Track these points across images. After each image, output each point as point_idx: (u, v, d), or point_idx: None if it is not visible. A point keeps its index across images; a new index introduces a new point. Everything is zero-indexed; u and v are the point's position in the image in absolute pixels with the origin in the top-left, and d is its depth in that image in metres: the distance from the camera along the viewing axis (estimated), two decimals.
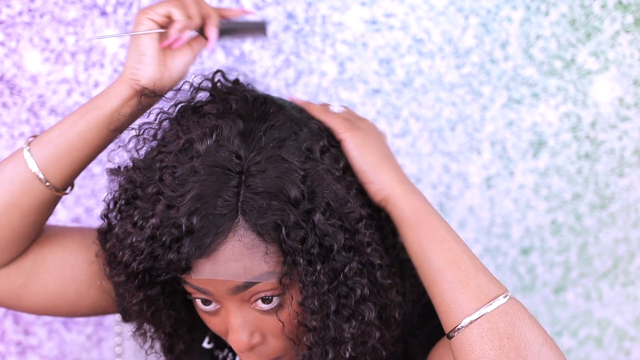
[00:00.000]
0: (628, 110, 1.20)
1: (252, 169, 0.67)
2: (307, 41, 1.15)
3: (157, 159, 0.72)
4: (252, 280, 0.67)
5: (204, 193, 0.66)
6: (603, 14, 1.15)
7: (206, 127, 0.70)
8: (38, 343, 1.26)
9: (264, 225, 0.66)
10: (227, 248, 0.67)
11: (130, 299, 0.74)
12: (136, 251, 0.69)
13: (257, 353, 0.72)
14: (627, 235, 1.27)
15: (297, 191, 0.67)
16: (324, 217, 0.67)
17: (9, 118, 1.16)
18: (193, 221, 0.66)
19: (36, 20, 1.12)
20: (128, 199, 0.73)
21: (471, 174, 1.23)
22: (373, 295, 0.70)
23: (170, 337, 0.81)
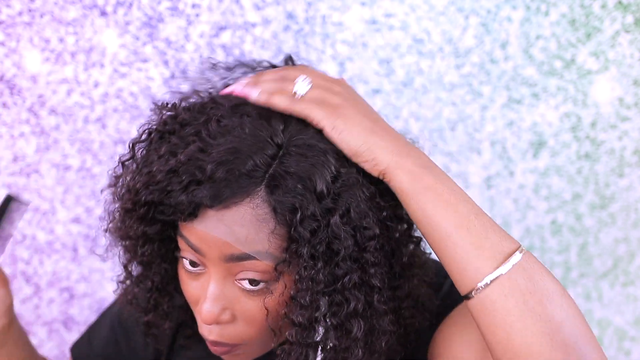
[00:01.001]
0: (628, 110, 1.20)
1: (292, 149, 0.67)
2: (307, 41, 1.15)
3: (209, 105, 0.72)
4: (250, 253, 0.66)
5: (240, 149, 0.66)
6: (603, 14, 1.15)
7: None
8: (38, 343, 1.26)
9: (282, 203, 0.65)
10: (239, 211, 0.66)
11: (129, 229, 0.73)
12: (152, 180, 0.68)
13: (221, 331, 0.71)
14: (627, 235, 1.27)
15: (325, 186, 0.66)
16: (341, 221, 0.66)
17: (9, 118, 1.16)
18: (219, 170, 0.65)
19: (36, 20, 1.12)
20: (164, 133, 0.72)
21: (471, 174, 1.23)
22: (365, 314, 0.69)
23: (157, 291, 0.79)
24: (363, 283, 0.68)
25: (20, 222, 0.71)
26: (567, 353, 0.62)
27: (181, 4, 1.12)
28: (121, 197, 0.73)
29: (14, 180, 1.18)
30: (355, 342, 0.69)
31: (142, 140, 0.74)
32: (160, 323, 0.82)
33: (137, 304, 0.82)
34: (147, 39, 1.13)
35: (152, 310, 0.81)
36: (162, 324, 0.82)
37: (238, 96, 0.73)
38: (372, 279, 0.68)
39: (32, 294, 1.24)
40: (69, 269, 1.24)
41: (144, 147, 0.74)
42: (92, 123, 1.17)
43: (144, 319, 0.82)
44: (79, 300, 1.25)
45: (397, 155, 0.69)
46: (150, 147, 0.73)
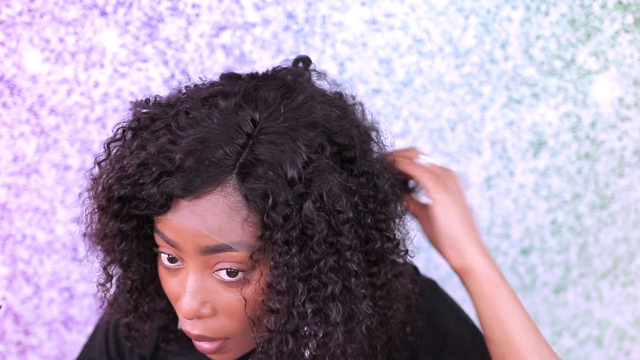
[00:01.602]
0: (628, 110, 1.20)
1: (262, 137, 0.68)
2: (307, 41, 1.15)
3: (180, 100, 0.72)
4: (225, 243, 0.66)
5: (209, 139, 0.66)
6: (603, 14, 1.15)
7: (237, 88, 0.71)
8: (38, 343, 1.26)
9: (253, 190, 0.66)
10: (211, 200, 0.66)
11: (105, 227, 0.73)
12: (123, 175, 0.68)
13: (203, 325, 0.71)
14: (627, 235, 1.27)
15: (296, 172, 0.66)
16: (314, 206, 0.66)
17: (9, 118, 1.16)
18: (188, 159, 0.66)
19: (36, 20, 1.12)
20: (137, 130, 0.72)
21: (471, 174, 1.23)
22: (343, 298, 0.69)
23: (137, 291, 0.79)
24: (340, 267, 0.68)
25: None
26: None
27: (181, 4, 1.12)
28: (96, 196, 0.73)
29: (14, 180, 1.18)
30: (335, 327, 0.69)
31: (116, 139, 0.75)
32: (141, 325, 0.82)
33: (117, 305, 0.81)
34: (147, 39, 1.13)
35: (132, 311, 0.81)
36: (143, 326, 0.82)
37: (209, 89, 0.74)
38: (348, 263, 0.69)
39: (32, 294, 1.24)
40: (69, 269, 1.24)
41: (119, 145, 0.74)
42: (92, 123, 1.17)
43: (124, 320, 0.82)
44: (79, 300, 1.25)
45: (484, 258, 0.73)
46: (124, 145, 0.73)
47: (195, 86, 0.77)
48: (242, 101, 0.70)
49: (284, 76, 0.76)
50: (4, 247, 1.21)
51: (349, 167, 0.72)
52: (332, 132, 0.72)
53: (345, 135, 0.72)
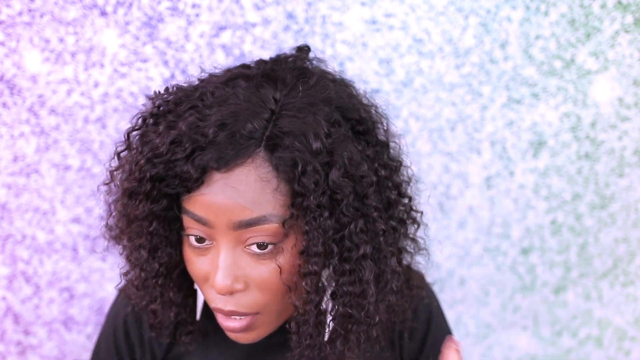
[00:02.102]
0: (628, 110, 1.20)
1: (284, 113, 0.71)
2: (307, 41, 1.15)
3: (201, 84, 0.75)
4: (259, 215, 0.68)
5: (238, 113, 0.69)
6: (603, 14, 1.15)
7: (255, 71, 0.75)
8: (38, 343, 1.26)
9: (282, 159, 0.68)
10: (243, 171, 0.69)
11: (135, 209, 0.74)
12: (155, 154, 0.70)
13: (235, 301, 0.73)
14: (627, 235, 1.27)
15: (319, 143, 0.69)
16: (339, 173, 0.69)
17: (9, 118, 1.16)
18: (221, 132, 0.68)
19: (36, 20, 1.12)
20: (158, 116, 0.74)
21: (471, 174, 1.23)
22: (373, 257, 0.72)
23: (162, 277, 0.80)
24: (368, 228, 0.72)
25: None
26: None
27: (181, 4, 1.12)
28: (123, 182, 0.75)
29: (14, 180, 1.18)
30: (368, 285, 0.72)
31: (137, 128, 0.76)
32: (166, 313, 0.83)
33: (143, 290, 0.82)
34: (147, 39, 1.13)
35: (159, 297, 0.82)
36: (168, 314, 0.83)
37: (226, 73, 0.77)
38: (376, 224, 0.72)
39: (32, 294, 1.24)
40: (69, 269, 1.24)
41: (140, 133, 0.75)
42: (92, 123, 1.17)
43: (150, 307, 0.83)
44: (79, 300, 1.25)
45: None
46: (147, 130, 0.74)
47: (209, 75, 0.79)
48: (263, 81, 0.74)
49: (295, 60, 0.80)
50: (4, 247, 1.21)
51: (364, 138, 0.76)
52: (345, 108, 0.76)
53: (355, 110, 0.77)
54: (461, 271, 1.29)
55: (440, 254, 1.28)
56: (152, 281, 0.80)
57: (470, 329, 1.32)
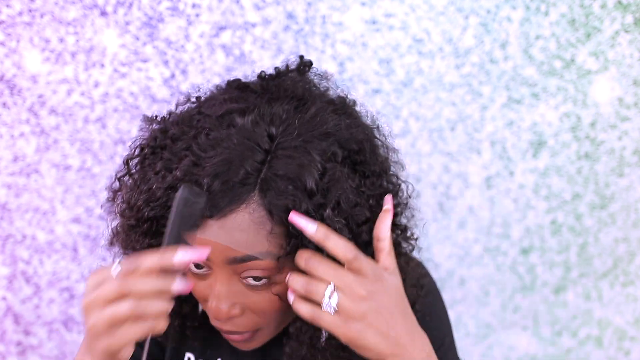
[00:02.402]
0: (628, 110, 1.20)
1: (279, 152, 0.71)
2: (307, 41, 1.15)
3: (196, 118, 0.76)
4: (252, 254, 0.70)
5: (231, 160, 0.70)
6: (603, 14, 1.15)
7: (250, 103, 0.75)
8: (38, 343, 1.26)
9: (276, 205, 0.69)
10: (237, 217, 0.70)
11: (135, 243, 0.76)
12: (152, 198, 0.72)
13: (233, 322, 0.75)
14: (627, 235, 1.27)
15: (314, 184, 0.70)
16: (333, 214, 0.70)
17: (9, 118, 1.16)
18: (215, 182, 0.69)
19: (36, 20, 1.12)
20: (155, 148, 0.76)
21: (471, 174, 1.23)
22: None
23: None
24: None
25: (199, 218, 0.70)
26: None
27: (181, 4, 1.12)
28: (122, 213, 0.77)
29: (14, 180, 1.18)
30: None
31: (135, 156, 0.78)
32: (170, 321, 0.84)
33: None
34: (147, 39, 1.14)
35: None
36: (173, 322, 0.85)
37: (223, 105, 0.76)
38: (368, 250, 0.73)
39: (32, 294, 1.24)
40: (69, 269, 1.24)
41: (138, 162, 0.78)
42: (92, 123, 1.17)
43: None
44: (79, 300, 1.25)
45: (401, 359, 0.73)
46: (144, 163, 0.76)
47: (205, 100, 0.80)
48: (258, 118, 0.73)
49: (294, 87, 0.79)
50: (4, 247, 1.21)
51: (361, 169, 0.76)
52: (343, 139, 0.75)
53: (354, 141, 0.76)
54: (461, 271, 1.29)
55: (440, 254, 1.28)
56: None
57: (470, 329, 1.32)
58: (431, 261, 1.28)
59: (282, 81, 0.80)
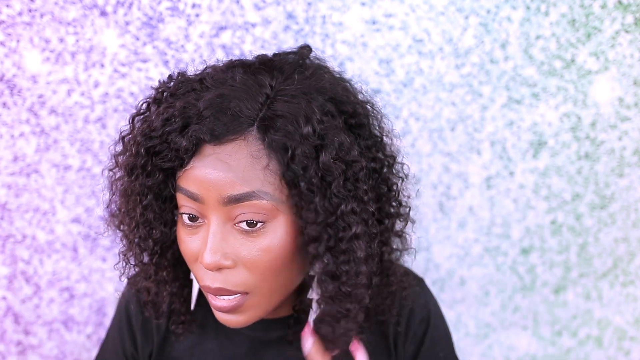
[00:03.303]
0: (628, 110, 1.20)
1: (279, 97, 0.73)
2: (307, 41, 1.15)
3: (204, 72, 0.78)
4: (247, 191, 0.70)
5: (232, 95, 0.72)
6: (603, 14, 1.15)
7: (256, 59, 0.79)
8: (38, 343, 1.26)
9: (274, 140, 0.71)
10: (235, 147, 0.71)
11: (132, 184, 0.76)
12: (151, 129, 0.74)
13: (223, 278, 0.74)
14: (627, 235, 1.27)
15: (310, 128, 0.71)
16: (330, 156, 0.71)
17: (9, 118, 1.16)
18: (211, 108, 0.71)
19: (36, 20, 1.12)
20: (162, 99, 0.78)
21: (471, 174, 1.23)
22: (364, 237, 0.74)
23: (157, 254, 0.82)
24: (360, 210, 0.74)
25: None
26: None
27: (181, 4, 1.12)
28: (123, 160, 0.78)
29: (14, 180, 1.18)
30: (360, 264, 0.74)
31: (141, 113, 0.79)
32: (160, 290, 0.86)
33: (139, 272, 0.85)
34: (147, 39, 1.13)
35: (153, 274, 0.84)
36: (162, 292, 0.85)
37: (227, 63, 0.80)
38: (367, 206, 0.74)
39: (32, 294, 1.24)
40: (69, 269, 1.24)
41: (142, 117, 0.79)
42: (92, 123, 1.17)
43: (144, 284, 0.85)
44: (79, 300, 1.25)
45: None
46: (149, 110, 0.78)
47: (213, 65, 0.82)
48: (261, 68, 0.76)
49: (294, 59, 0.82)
50: (4, 247, 1.21)
51: (356, 131, 0.78)
52: (339, 100, 0.77)
53: (350, 104, 0.78)
54: (461, 271, 1.29)
55: (440, 254, 1.28)
56: (147, 258, 0.83)
57: (470, 329, 1.32)
58: (431, 261, 1.28)
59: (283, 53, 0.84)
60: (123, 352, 0.94)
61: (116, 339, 0.95)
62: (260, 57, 0.82)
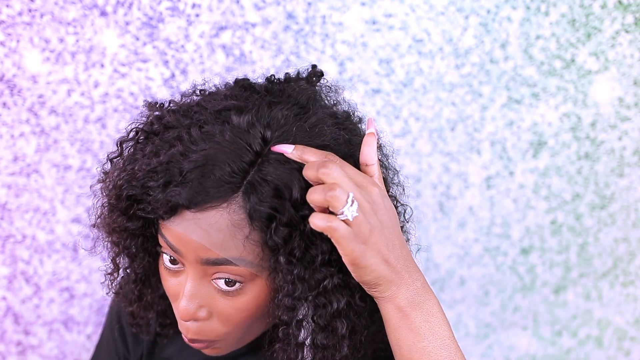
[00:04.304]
0: (628, 110, 1.20)
1: (271, 157, 0.69)
2: (307, 41, 1.15)
3: (193, 109, 0.74)
4: (226, 257, 0.68)
5: (218, 155, 0.68)
6: (603, 14, 1.15)
7: (250, 103, 0.72)
8: (38, 343, 1.26)
9: (258, 210, 0.67)
10: (216, 215, 0.68)
11: (114, 223, 0.75)
12: (133, 177, 0.71)
13: (197, 329, 0.74)
14: (627, 235, 1.27)
15: (300, 194, 0.67)
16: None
17: (9, 118, 1.16)
18: (194, 173, 0.67)
19: (36, 20, 1.12)
20: (149, 133, 0.75)
21: (471, 174, 1.23)
22: (348, 313, 0.71)
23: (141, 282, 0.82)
24: (344, 285, 0.70)
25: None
26: None
27: (181, 4, 1.12)
28: (108, 192, 0.76)
29: (14, 180, 1.19)
30: (342, 340, 0.71)
31: (129, 139, 0.77)
32: (145, 314, 0.86)
33: (123, 295, 0.85)
34: (147, 39, 1.13)
35: (137, 301, 0.84)
36: (147, 315, 0.86)
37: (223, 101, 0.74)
38: (352, 280, 0.70)
39: (32, 294, 1.24)
40: (69, 269, 1.24)
41: (131, 145, 0.76)
42: (92, 123, 1.17)
43: (129, 309, 0.86)
44: (79, 300, 1.25)
45: (396, 287, 0.69)
46: (136, 146, 0.75)
47: (209, 94, 0.78)
48: (255, 119, 0.71)
49: (299, 94, 0.76)
50: (4, 247, 1.21)
51: None
52: (340, 155, 0.72)
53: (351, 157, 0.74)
54: (461, 271, 1.29)
55: (440, 254, 1.28)
56: (131, 286, 0.83)
57: (470, 329, 1.32)
58: (431, 261, 1.28)
59: (288, 86, 0.78)
60: (116, 352, 0.94)
61: (109, 339, 0.95)
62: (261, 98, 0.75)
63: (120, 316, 0.93)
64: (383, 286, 0.68)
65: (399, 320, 0.69)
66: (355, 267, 0.67)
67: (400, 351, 0.70)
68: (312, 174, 0.66)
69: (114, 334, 0.94)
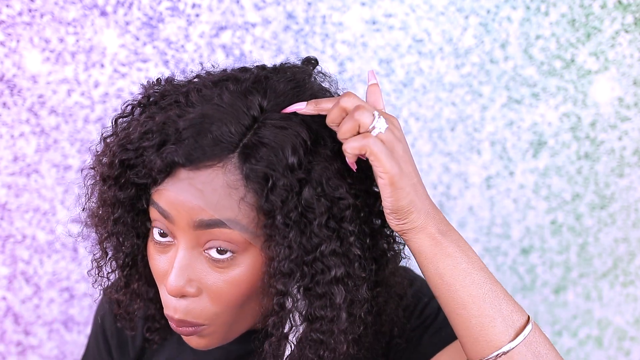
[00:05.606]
0: (628, 110, 1.20)
1: (267, 122, 0.69)
2: (307, 41, 1.15)
3: (194, 81, 0.74)
4: (220, 218, 0.67)
5: (215, 116, 0.67)
6: (603, 14, 1.15)
7: (248, 75, 0.72)
8: (38, 343, 1.26)
9: (254, 171, 0.67)
10: (211, 174, 0.67)
11: (104, 194, 0.74)
12: (127, 140, 0.70)
13: (185, 308, 0.71)
14: (627, 235, 1.27)
15: (297, 159, 0.67)
16: (314, 192, 0.67)
17: (9, 118, 1.16)
18: (190, 130, 0.67)
19: (36, 20, 1.12)
20: (146, 105, 0.73)
21: (471, 174, 1.23)
22: (346, 282, 0.70)
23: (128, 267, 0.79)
24: (343, 252, 0.69)
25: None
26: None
27: (181, 4, 1.12)
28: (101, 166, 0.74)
29: (14, 180, 1.19)
30: (340, 311, 0.70)
31: (125, 115, 0.75)
32: (130, 303, 0.83)
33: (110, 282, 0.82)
34: (147, 39, 1.14)
35: (124, 287, 0.81)
36: (132, 304, 0.83)
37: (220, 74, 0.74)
38: (352, 248, 0.69)
39: (32, 294, 1.24)
40: (69, 269, 1.24)
41: (127, 121, 0.75)
42: (92, 123, 1.17)
43: (115, 296, 0.83)
44: (79, 300, 1.25)
45: (425, 216, 0.69)
46: (131, 119, 0.74)
47: (207, 72, 0.78)
48: (252, 87, 0.71)
49: (295, 72, 0.76)
50: (4, 247, 1.21)
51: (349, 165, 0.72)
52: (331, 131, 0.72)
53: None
54: None
55: None
56: (118, 271, 0.80)
57: None
58: None
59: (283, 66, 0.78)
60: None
61: (95, 350, 0.93)
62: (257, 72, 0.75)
63: (104, 328, 0.91)
64: (415, 214, 0.68)
65: (434, 248, 0.68)
66: (393, 187, 0.66)
67: (441, 280, 0.69)
68: (335, 112, 0.67)
69: (99, 344, 0.92)
